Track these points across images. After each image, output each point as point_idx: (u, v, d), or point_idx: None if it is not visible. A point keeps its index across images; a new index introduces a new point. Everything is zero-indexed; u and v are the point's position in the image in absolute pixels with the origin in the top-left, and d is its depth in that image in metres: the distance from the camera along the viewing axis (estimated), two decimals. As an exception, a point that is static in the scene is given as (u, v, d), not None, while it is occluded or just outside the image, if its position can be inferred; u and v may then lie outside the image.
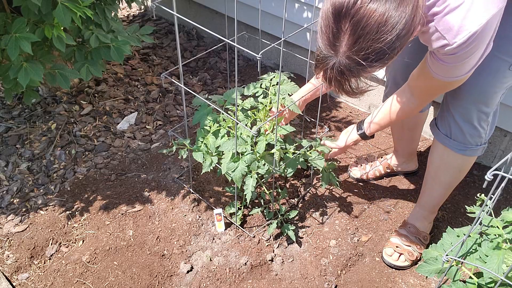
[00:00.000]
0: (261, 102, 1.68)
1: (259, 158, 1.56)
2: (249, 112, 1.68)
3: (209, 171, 1.59)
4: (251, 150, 1.55)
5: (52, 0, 1.62)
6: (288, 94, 1.65)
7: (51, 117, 2.30)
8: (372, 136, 1.65)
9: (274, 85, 1.69)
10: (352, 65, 0.98)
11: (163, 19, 3.19)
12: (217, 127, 1.60)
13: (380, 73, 2.15)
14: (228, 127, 1.61)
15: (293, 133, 2.24)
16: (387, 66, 1.73)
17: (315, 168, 1.97)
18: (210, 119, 1.62)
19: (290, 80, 1.68)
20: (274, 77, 1.72)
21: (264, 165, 1.56)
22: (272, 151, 1.57)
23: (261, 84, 1.71)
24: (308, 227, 1.82)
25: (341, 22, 0.94)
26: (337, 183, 1.79)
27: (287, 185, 1.98)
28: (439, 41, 1.07)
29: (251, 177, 1.55)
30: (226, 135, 1.60)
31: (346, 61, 0.98)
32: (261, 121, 1.67)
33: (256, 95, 1.70)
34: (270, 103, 1.66)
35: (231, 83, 2.53)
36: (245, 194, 1.56)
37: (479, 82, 1.32)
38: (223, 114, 1.62)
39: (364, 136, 1.63)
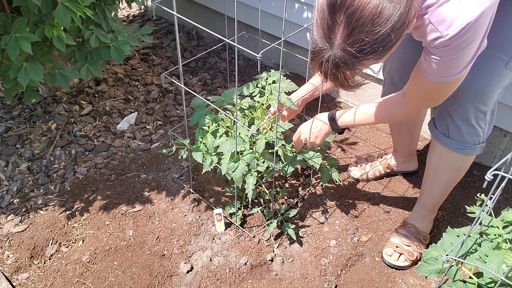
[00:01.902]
0: (257, 101, 1.69)
1: (258, 156, 1.57)
2: (246, 111, 1.68)
3: (209, 170, 1.59)
4: (249, 148, 1.56)
5: (52, 0, 1.62)
6: (285, 92, 1.65)
7: (51, 117, 2.30)
8: (342, 132, 1.59)
9: (270, 83, 1.69)
10: (347, 58, 0.98)
11: (163, 19, 3.20)
12: (216, 126, 1.61)
13: (376, 67, 2.14)
14: (226, 126, 1.61)
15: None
16: (384, 64, 1.74)
17: (314, 168, 1.97)
18: (208, 119, 1.62)
19: (286, 78, 1.69)
20: (269, 76, 1.72)
21: (263, 162, 1.57)
22: (273, 150, 1.57)
23: (257, 84, 1.71)
24: (308, 226, 1.82)
25: (335, 14, 0.94)
26: (338, 179, 1.76)
27: (287, 185, 1.98)
28: (432, 33, 1.06)
29: (251, 175, 1.55)
30: (224, 134, 1.60)
31: (341, 54, 0.98)
32: (258, 119, 1.67)
33: (253, 94, 1.70)
34: (267, 101, 1.67)
35: (231, 83, 2.53)
36: (246, 193, 1.57)
37: (476, 81, 1.32)
38: (221, 113, 1.62)
39: (333, 121, 1.55)
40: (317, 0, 0.98)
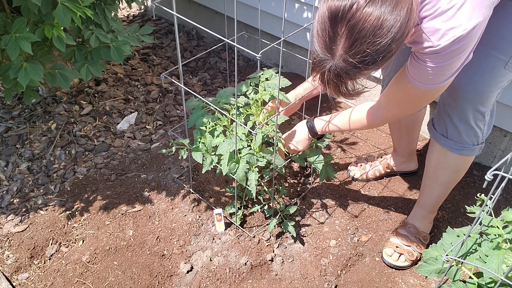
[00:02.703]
0: (252, 98, 1.69)
1: (257, 152, 1.58)
2: (241, 109, 1.69)
3: (210, 169, 1.59)
4: (247, 146, 1.56)
5: (52, 0, 1.62)
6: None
7: (51, 117, 2.30)
8: (321, 137, 1.63)
9: (263, 81, 1.71)
10: (348, 68, 0.99)
11: (163, 19, 3.19)
12: (213, 126, 1.62)
13: (377, 73, 2.15)
14: (223, 125, 1.62)
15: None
16: (382, 68, 1.74)
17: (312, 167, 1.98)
18: (206, 119, 1.63)
19: (277, 73, 1.71)
20: (262, 73, 1.73)
21: (262, 157, 1.58)
22: (272, 148, 1.58)
23: (250, 83, 1.73)
24: (308, 226, 1.82)
25: (337, 26, 0.96)
26: (333, 175, 1.79)
27: (286, 185, 1.98)
28: (424, 42, 1.08)
29: (253, 171, 1.56)
30: (222, 134, 1.61)
31: (342, 64, 0.99)
32: (253, 115, 1.68)
33: (247, 93, 1.71)
34: (261, 97, 1.68)
35: (231, 83, 2.53)
36: (246, 193, 1.57)
37: (475, 81, 1.32)
38: (219, 113, 1.63)
39: (311, 127, 1.59)
40: (318, 12, 0.99)
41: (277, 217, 1.76)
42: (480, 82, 1.32)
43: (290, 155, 1.74)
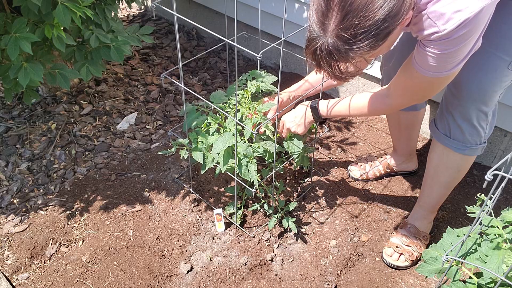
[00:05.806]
0: (242, 94, 1.71)
1: (255, 143, 1.60)
2: (231, 106, 1.71)
3: (212, 167, 1.60)
4: (241, 140, 1.57)
5: (52, 0, 1.62)
6: (271, 84, 1.71)
7: (51, 117, 2.30)
8: (324, 121, 1.61)
9: (250, 80, 1.74)
10: (340, 44, 0.99)
11: (163, 19, 3.20)
12: (207, 125, 1.63)
13: (377, 73, 2.15)
14: (217, 123, 1.63)
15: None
16: (382, 63, 1.74)
17: (311, 167, 1.98)
18: (201, 120, 1.65)
19: (265, 71, 1.76)
20: (249, 74, 1.77)
21: (258, 148, 1.59)
22: (265, 144, 1.60)
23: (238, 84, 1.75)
24: (309, 225, 1.82)
25: None
26: (308, 165, 1.79)
27: (286, 181, 1.98)
28: (430, 28, 1.07)
29: (252, 163, 1.56)
30: (216, 132, 1.62)
31: (334, 40, 0.99)
32: (243, 109, 1.69)
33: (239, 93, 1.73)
34: (248, 92, 1.69)
35: (231, 83, 2.53)
36: (252, 181, 1.57)
37: (478, 82, 1.32)
38: (212, 114, 1.65)
39: (315, 110, 1.56)
40: None
41: (277, 214, 1.76)
42: (483, 82, 1.32)
43: (284, 138, 1.72)
